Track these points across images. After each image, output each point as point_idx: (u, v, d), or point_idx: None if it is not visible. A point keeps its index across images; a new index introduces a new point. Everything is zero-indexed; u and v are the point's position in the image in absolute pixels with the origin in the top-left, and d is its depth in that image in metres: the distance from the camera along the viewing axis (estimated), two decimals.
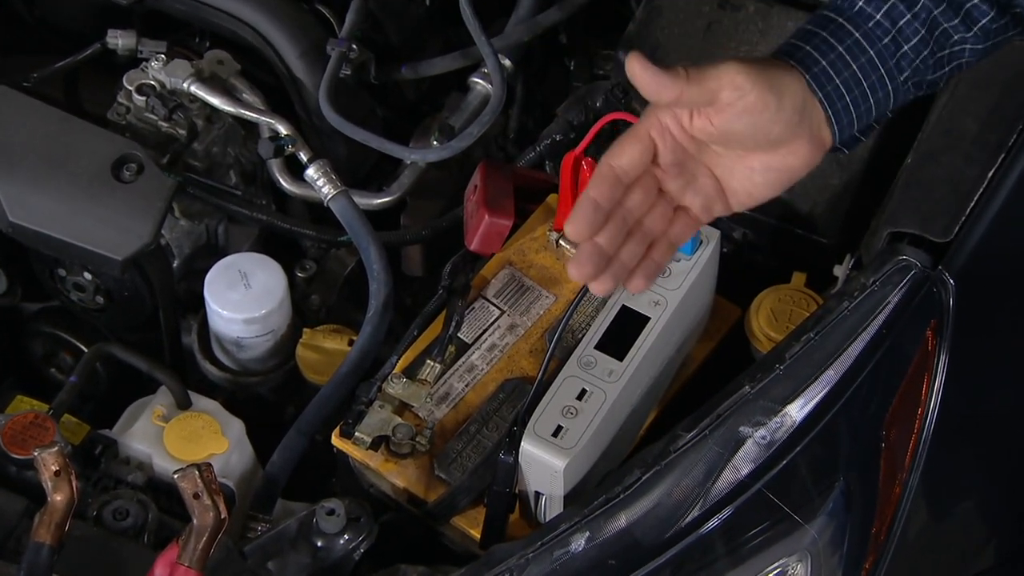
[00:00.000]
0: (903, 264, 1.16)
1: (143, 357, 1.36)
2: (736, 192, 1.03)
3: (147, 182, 1.36)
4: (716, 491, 1.09)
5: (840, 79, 1.01)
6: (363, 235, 1.38)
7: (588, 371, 1.20)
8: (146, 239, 1.35)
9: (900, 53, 1.03)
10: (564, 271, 1.36)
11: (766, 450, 1.10)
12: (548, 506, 1.20)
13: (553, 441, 1.16)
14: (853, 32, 1.02)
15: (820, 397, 1.12)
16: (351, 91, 1.53)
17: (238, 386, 1.45)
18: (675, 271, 1.26)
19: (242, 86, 1.50)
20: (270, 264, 1.41)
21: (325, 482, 1.37)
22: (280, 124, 1.45)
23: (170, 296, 1.44)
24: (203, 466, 1.17)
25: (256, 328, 1.40)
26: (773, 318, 1.33)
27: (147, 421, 1.32)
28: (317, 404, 1.32)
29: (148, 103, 1.45)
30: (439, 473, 1.24)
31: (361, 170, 1.58)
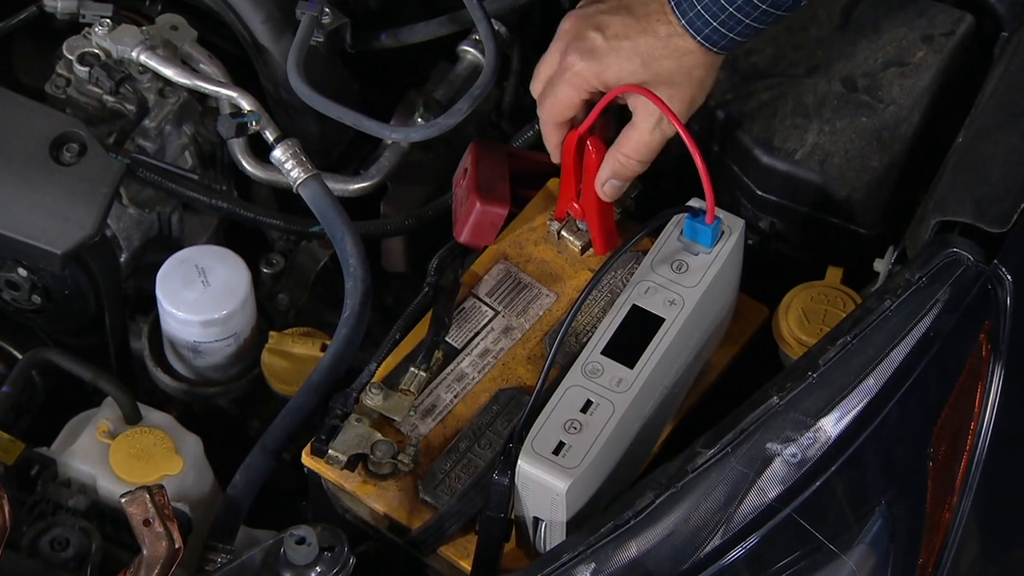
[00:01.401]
0: (953, 258, 1.16)
1: (86, 364, 1.36)
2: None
3: (90, 164, 1.36)
4: (740, 516, 1.10)
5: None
6: (338, 225, 1.38)
7: (594, 380, 1.20)
8: (89, 230, 1.35)
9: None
10: (567, 266, 1.36)
11: (797, 470, 1.11)
12: (548, 534, 1.20)
13: (554, 460, 1.16)
14: None
15: (858, 410, 1.12)
16: (324, 61, 1.53)
17: (195, 397, 1.45)
18: (693, 266, 1.26)
19: (199, 55, 1.50)
20: (231, 258, 1.41)
21: (294, 507, 1.37)
22: (243, 98, 1.44)
23: (117, 295, 1.44)
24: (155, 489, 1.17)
25: (215, 331, 1.40)
26: (805, 319, 1.33)
27: (91, 437, 1.32)
28: (285, 418, 1.32)
29: (91, 74, 1.44)
30: (424, 496, 1.24)
31: (335, 151, 1.58)
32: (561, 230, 1.37)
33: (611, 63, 1.23)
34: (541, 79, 1.29)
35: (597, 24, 1.24)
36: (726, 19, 1.19)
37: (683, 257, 1.26)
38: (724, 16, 1.19)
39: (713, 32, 1.20)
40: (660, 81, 1.23)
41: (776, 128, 1.38)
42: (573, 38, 1.25)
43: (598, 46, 1.23)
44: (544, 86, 1.29)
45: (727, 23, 1.20)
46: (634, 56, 1.22)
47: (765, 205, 1.40)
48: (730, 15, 1.19)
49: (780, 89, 1.39)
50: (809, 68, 1.40)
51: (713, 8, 1.19)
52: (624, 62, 1.22)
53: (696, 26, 1.20)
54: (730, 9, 1.18)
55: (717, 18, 1.19)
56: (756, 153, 1.39)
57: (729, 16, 1.19)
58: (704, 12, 1.19)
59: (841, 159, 1.37)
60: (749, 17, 1.19)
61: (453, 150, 1.53)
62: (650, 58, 1.22)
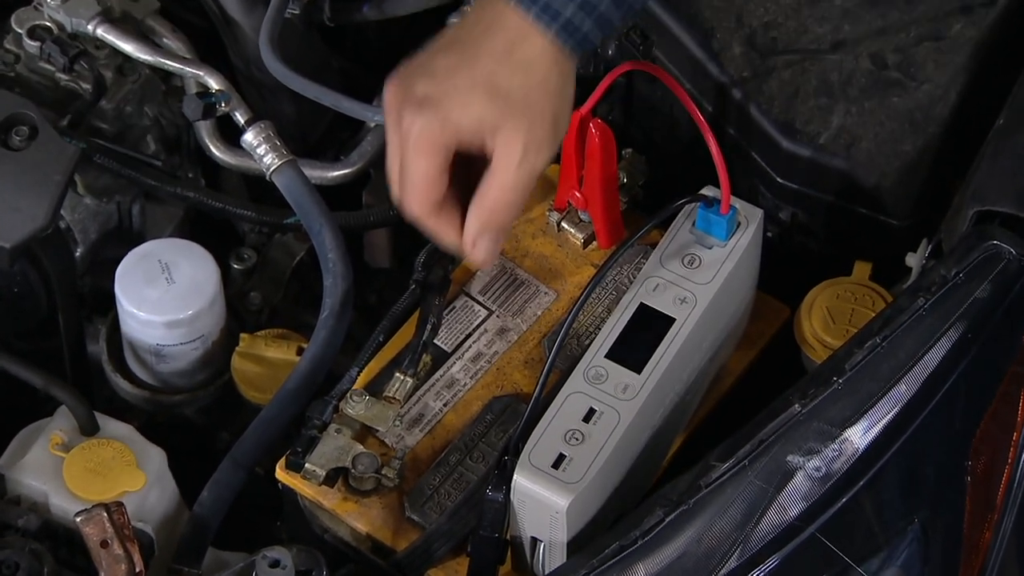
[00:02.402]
0: (993, 251, 1.17)
1: (37, 370, 1.36)
2: None
3: (41, 149, 1.36)
4: (758, 536, 1.10)
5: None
6: (315, 216, 1.38)
7: (597, 386, 1.20)
8: (40, 221, 1.34)
9: None
10: (567, 262, 1.36)
11: (821, 485, 1.11)
12: (547, 556, 1.20)
13: (553, 474, 1.16)
14: None
15: (889, 419, 1.12)
16: (300, 35, 1.53)
17: (158, 406, 1.45)
18: (706, 261, 1.26)
19: (162, 29, 1.50)
20: (198, 253, 1.41)
21: (268, 526, 1.37)
22: (210, 77, 1.45)
23: (71, 293, 1.44)
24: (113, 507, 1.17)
25: (181, 333, 1.40)
26: (830, 319, 1.33)
27: (43, 450, 1.32)
28: (258, 429, 1.31)
29: (43, 50, 1.45)
30: (411, 514, 1.24)
31: (313, 135, 1.58)
32: (561, 221, 1.37)
33: (452, 107, 1.09)
34: (393, 170, 1.14)
35: (424, 71, 1.11)
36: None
37: (695, 251, 1.26)
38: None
39: (567, 25, 1.09)
40: (515, 106, 1.09)
41: (798, 109, 1.38)
42: (403, 100, 1.11)
43: (431, 94, 1.10)
44: (398, 175, 1.14)
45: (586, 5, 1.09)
46: (475, 88, 1.09)
47: (786, 194, 1.40)
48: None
49: (802, 66, 1.39)
50: (834, 43, 1.40)
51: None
52: (466, 98, 1.09)
53: (545, 19, 1.09)
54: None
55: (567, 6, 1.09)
56: (776, 137, 1.39)
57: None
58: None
59: (870, 143, 1.37)
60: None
61: None
62: (493, 84, 1.09)
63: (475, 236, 1.13)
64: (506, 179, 1.11)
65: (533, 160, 1.11)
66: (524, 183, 1.12)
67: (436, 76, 1.10)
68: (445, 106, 1.09)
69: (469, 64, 1.10)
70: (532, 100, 1.10)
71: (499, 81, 1.09)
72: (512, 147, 1.10)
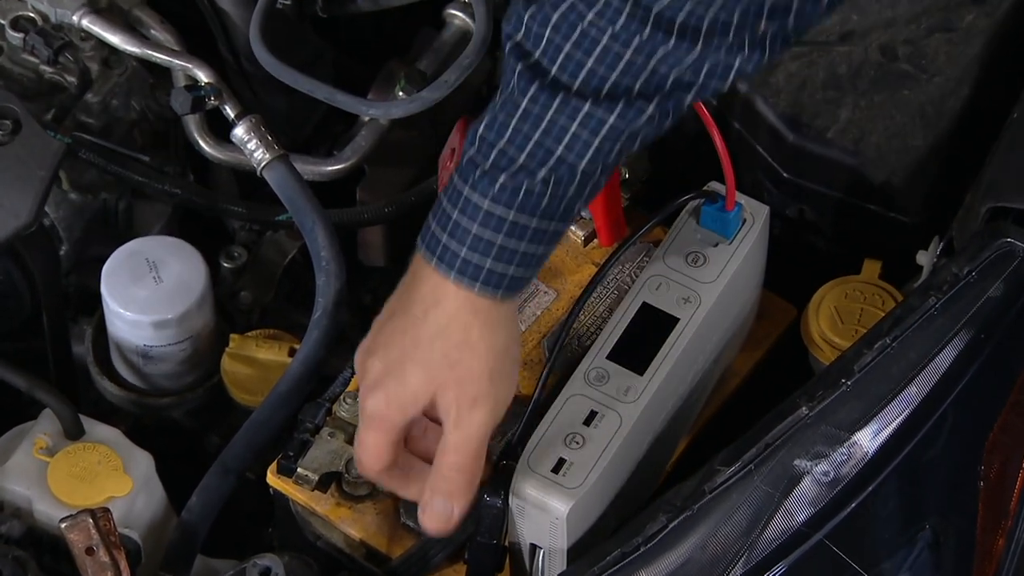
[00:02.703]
0: (1007, 249, 1.16)
1: (21, 372, 1.35)
2: None
3: (25, 144, 1.36)
4: (764, 543, 1.09)
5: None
6: (308, 213, 1.38)
7: (598, 388, 1.20)
8: (24, 218, 1.34)
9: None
10: (567, 260, 1.36)
11: (829, 490, 1.10)
12: (547, 563, 1.19)
13: (553, 479, 1.16)
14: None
15: (899, 422, 1.12)
16: (292, 27, 1.52)
17: (145, 409, 1.45)
18: (711, 259, 1.26)
19: (150, 20, 1.50)
20: (187, 251, 1.41)
21: (259, 533, 1.37)
22: (199, 69, 1.44)
23: (56, 293, 1.44)
24: (99, 512, 1.17)
25: (169, 334, 1.40)
26: (838, 319, 1.33)
27: (26, 454, 1.32)
28: (248, 432, 1.31)
29: (26, 41, 1.44)
30: (406, 520, 1.24)
31: (305, 129, 1.58)
32: None
33: (391, 385, 1.12)
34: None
35: (374, 345, 1.14)
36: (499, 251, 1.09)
37: (700, 249, 1.26)
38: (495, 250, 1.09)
39: (488, 277, 1.10)
40: (441, 372, 1.11)
41: (805, 103, 1.38)
42: (361, 379, 1.15)
43: (377, 374, 1.13)
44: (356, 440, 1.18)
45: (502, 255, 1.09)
46: (405, 362, 1.12)
47: (793, 190, 1.40)
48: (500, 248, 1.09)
49: (810, 58, 1.39)
50: (842, 34, 1.39)
51: (480, 244, 1.09)
52: (400, 375, 1.12)
53: (465, 280, 1.10)
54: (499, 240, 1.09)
55: (488, 255, 1.09)
56: (783, 131, 1.39)
57: (500, 249, 1.09)
58: (471, 255, 1.09)
59: (879, 137, 1.37)
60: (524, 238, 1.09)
61: (439, 128, 1.52)
62: (420, 354, 1.11)
63: (427, 498, 1.15)
64: (448, 442, 1.13)
65: (470, 419, 1.12)
66: (466, 444, 1.13)
67: (378, 353, 1.14)
68: (386, 385, 1.13)
69: (400, 336, 1.13)
70: (455, 361, 1.12)
71: (422, 351, 1.12)
72: (447, 410, 1.13)
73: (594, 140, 1.07)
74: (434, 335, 1.11)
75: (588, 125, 1.07)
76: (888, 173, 1.38)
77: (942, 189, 1.38)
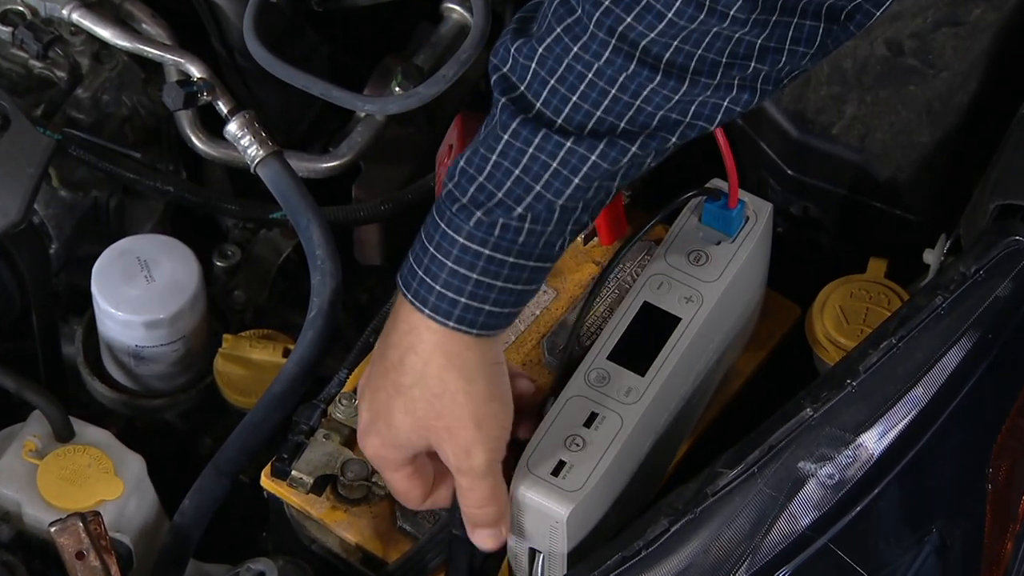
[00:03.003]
0: (1015, 247, 1.17)
1: (10, 372, 1.35)
2: None
3: (14, 141, 1.36)
4: (768, 547, 1.09)
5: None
6: (302, 211, 1.38)
7: (599, 389, 1.20)
8: (13, 216, 1.34)
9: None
10: (567, 259, 1.36)
11: (834, 493, 1.10)
12: (547, 567, 1.20)
13: (553, 482, 1.16)
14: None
15: (905, 423, 1.12)
16: (286, 21, 1.53)
17: (137, 411, 1.45)
18: (713, 257, 1.26)
19: (141, 14, 1.50)
20: (179, 249, 1.41)
21: (252, 536, 1.37)
22: (192, 64, 1.44)
23: (46, 292, 1.44)
24: (90, 516, 1.17)
25: (161, 334, 1.40)
26: (843, 319, 1.33)
27: (15, 457, 1.32)
28: (242, 434, 1.32)
29: (15, 36, 1.44)
30: (403, 524, 1.24)
31: (300, 125, 1.58)
32: None
33: (383, 431, 1.14)
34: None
35: (364, 390, 1.17)
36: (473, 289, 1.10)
37: (702, 247, 1.26)
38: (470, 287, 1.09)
39: (462, 318, 1.10)
40: (427, 420, 1.13)
41: (810, 98, 1.38)
42: (359, 422, 1.18)
43: (369, 419, 1.15)
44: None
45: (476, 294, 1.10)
46: (393, 410, 1.13)
47: (797, 187, 1.40)
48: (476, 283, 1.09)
49: None
50: None
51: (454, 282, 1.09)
52: (389, 421, 1.14)
53: (439, 317, 1.10)
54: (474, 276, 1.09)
55: (463, 292, 1.10)
56: (787, 127, 1.39)
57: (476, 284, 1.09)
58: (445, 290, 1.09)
59: (885, 134, 1.37)
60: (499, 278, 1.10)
61: (436, 124, 1.53)
62: (403, 402, 1.13)
63: (471, 531, 1.17)
64: (460, 485, 1.15)
65: (470, 464, 1.13)
66: (477, 484, 1.14)
67: (366, 396, 1.16)
68: (378, 430, 1.15)
69: (383, 380, 1.14)
70: (438, 412, 1.13)
71: (405, 398, 1.13)
72: (446, 459, 1.14)
73: (574, 178, 1.07)
74: (413, 383, 1.12)
75: (569, 163, 1.07)
76: (894, 170, 1.38)
77: (949, 186, 1.38)
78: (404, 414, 1.13)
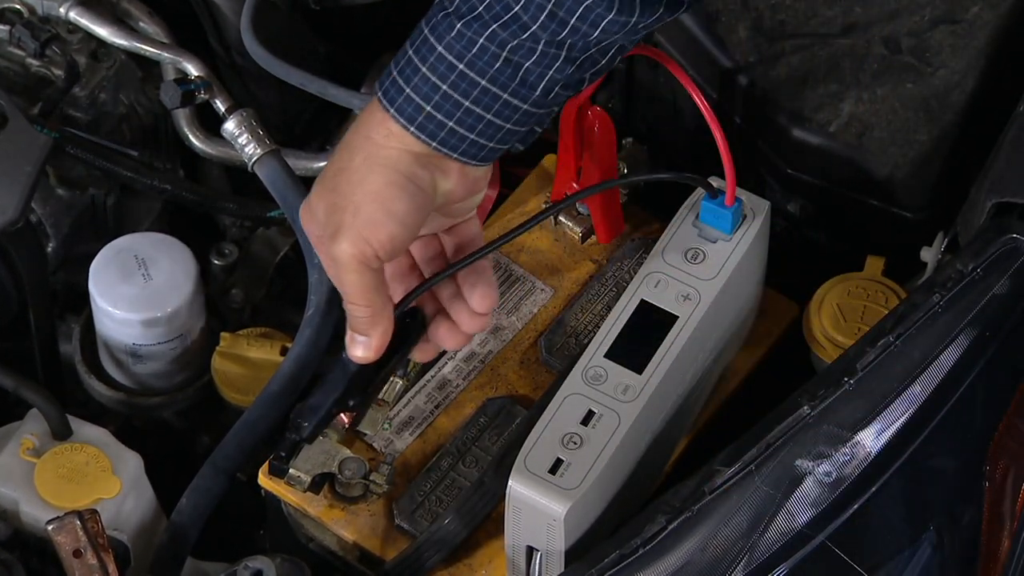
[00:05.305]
0: (1012, 245, 1.16)
1: (7, 371, 1.35)
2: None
3: (12, 139, 1.36)
4: (765, 545, 1.09)
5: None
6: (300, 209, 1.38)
7: (596, 387, 1.20)
8: (10, 214, 1.34)
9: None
10: (564, 257, 1.36)
11: (831, 490, 1.10)
12: (544, 565, 1.19)
13: (550, 480, 1.16)
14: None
15: (902, 421, 1.12)
16: (284, 20, 1.53)
17: (135, 409, 1.45)
18: (710, 255, 1.26)
19: (139, 12, 1.50)
20: (177, 248, 1.41)
21: (250, 535, 1.37)
22: (189, 63, 1.44)
23: (43, 290, 1.44)
24: (87, 514, 1.17)
25: (158, 332, 1.40)
26: (840, 317, 1.33)
27: (13, 455, 1.32)
28: (239, 433, 1.32)
29: (13, 34, 1.44)
30: (400, 522, 1.24)
31: (298, 124, 1.58)
32: (559, 214, 1.37)
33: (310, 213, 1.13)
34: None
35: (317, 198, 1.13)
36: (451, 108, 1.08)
37: (699, 245, 1.26)
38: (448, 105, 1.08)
39: (428, 119, 1.09)
40: (328, 189, 1.11)
41: (807, 96, 1.38)
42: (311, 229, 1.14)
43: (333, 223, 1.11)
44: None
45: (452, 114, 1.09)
46: (319, 182, 1.12)
47: (794, 185, 1.40)
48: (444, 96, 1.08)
49: (812, 51, 1.39)
50: (845, 26, 1.39)
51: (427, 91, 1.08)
52: (312, 196, 1.13)
53: (406, 113, 1.09)
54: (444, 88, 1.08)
55: (430, 100, 1.08)
56: (784, 125, 1.39)
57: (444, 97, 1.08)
58: (414, 94, 1.08)
59: (883, 132, 1.37)
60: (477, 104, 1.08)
61: None
62: (327, 168, 1.12)
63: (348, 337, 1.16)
64: (325, 266, 1.13)
65: (332, 247, 1.11)
66: (341, 273, 1.12)
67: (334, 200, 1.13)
68: (308, 204, 1.13)
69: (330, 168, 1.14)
70: (335, 185, 1.11)
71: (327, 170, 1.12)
72: (320, 226, 1.12)
73: (546, 4, 1.05)
74: (337, 155, 1.11)
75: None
76: (891, 168, 1.38)
77: (946, 184, 1.38)
78: (318, 184, 1.12)
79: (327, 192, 1.12)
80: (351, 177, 1.10)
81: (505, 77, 1.08)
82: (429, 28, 1.08)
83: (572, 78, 1.09)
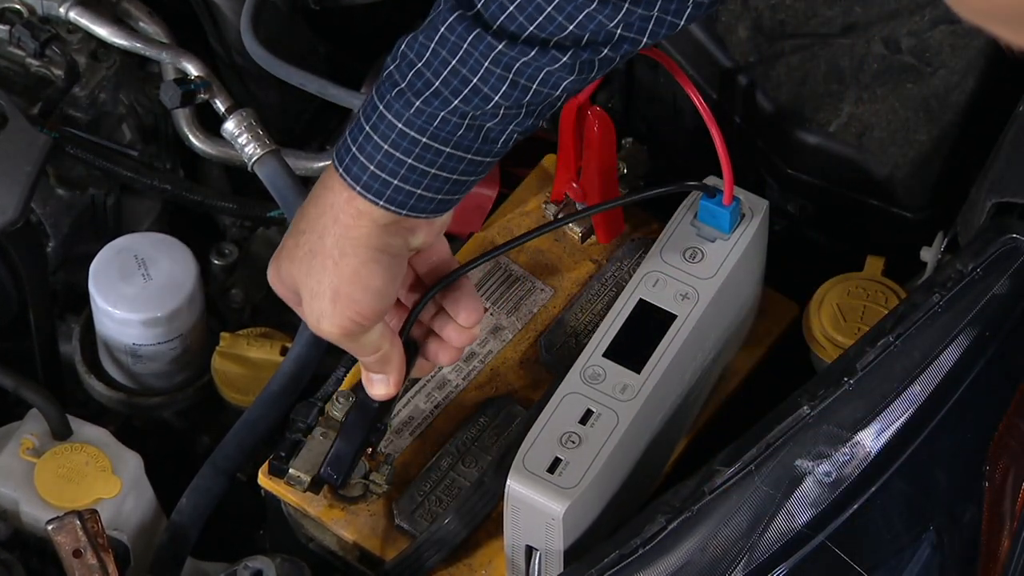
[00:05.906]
0: (1012, 245, 1.16)
1: (7, 371, 1.35)
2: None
3: (11, 139, 1.36)
4: (765, 545, 1.09)
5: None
6: None
7: (595, 386, 1.20)
8: (10, 214, 1.34)
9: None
10: (564, 257, 1.36)
11: (831, 491, 1.10)
12: (543, 565, 1.19)
13: (548, 479, 1.16)
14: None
15: (902, 421, 1.12)
16: (284, 19, 1.53)
17: (135, 409, 1.45)
18: (709, 254, 1.26)
19: (139, 12, 1.50)
20: (177, 247, 1.41)
21: (250, 534, 1.37)
22: (189, 63, 1.44)
23: (43, 290, 1.44)
24: (87, 514, 1.17)
25: (158, 332, 1.40)
26: (840, 317, 1.33)
27: (12, 455, 1.32)
28: (239, 432, 1.32)
29: (12, 34, 1.44)
30: (400, 522, 1.24)
31: (298, 124, 1.58)
32: (558, 214, 1.37)
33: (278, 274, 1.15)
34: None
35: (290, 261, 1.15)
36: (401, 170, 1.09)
37: (697, 244, 1.26)
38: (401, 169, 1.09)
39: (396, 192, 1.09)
40: (303, 273, 1.12)
41: (807, 96, 1.38)
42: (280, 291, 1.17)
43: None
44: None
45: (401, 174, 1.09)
46: (286, 255, 1.14)
47: (794, 185, 1.40)
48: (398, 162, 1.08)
49: (811, 51, 1.39)
50: (845, 26, 1.39)
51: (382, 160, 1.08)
52: (282, 266, 1.14)
53: (374, 189, 1.09)
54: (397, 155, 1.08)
55: (396, 174, 1.08)
56: (784, 125, 1.39)
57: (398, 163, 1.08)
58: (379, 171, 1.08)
59: (882, 132, 1.37)
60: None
61: None
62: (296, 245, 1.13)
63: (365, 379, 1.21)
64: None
65: (319, 330, 1.13)
66: (341, 343, 1.15)
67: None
68: (276, 265, 1.16)
69: (291, 237, 1.15)
70: (309, 268, 1.12)
71: (297, 245, 1.13)
72: (303, 315, 1.15)
73: (508, 75, 1.05)
74: (307, 230, 1.11)
75: (501, 62, 1.05)
76: (891, 168, 1.38)
77: (946, 184, 1.38)
78: (289, 261, 1.13)
79: (302, 275, 1.12)
80: (324, 262, 1.11)
81: (468, 140, 1.08)
82: (384, 105, 1.07)
83: (532, 127, 1.11)
